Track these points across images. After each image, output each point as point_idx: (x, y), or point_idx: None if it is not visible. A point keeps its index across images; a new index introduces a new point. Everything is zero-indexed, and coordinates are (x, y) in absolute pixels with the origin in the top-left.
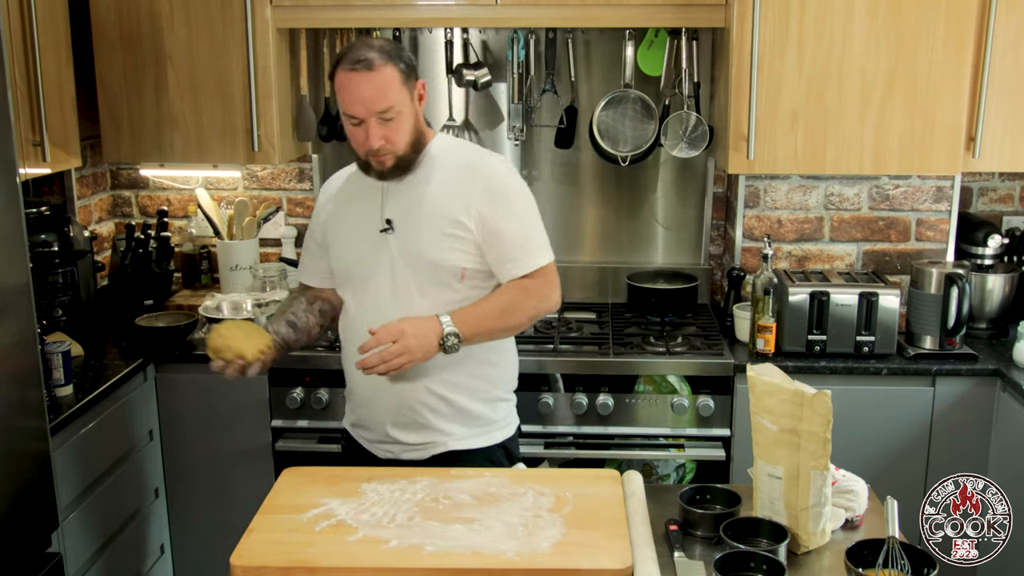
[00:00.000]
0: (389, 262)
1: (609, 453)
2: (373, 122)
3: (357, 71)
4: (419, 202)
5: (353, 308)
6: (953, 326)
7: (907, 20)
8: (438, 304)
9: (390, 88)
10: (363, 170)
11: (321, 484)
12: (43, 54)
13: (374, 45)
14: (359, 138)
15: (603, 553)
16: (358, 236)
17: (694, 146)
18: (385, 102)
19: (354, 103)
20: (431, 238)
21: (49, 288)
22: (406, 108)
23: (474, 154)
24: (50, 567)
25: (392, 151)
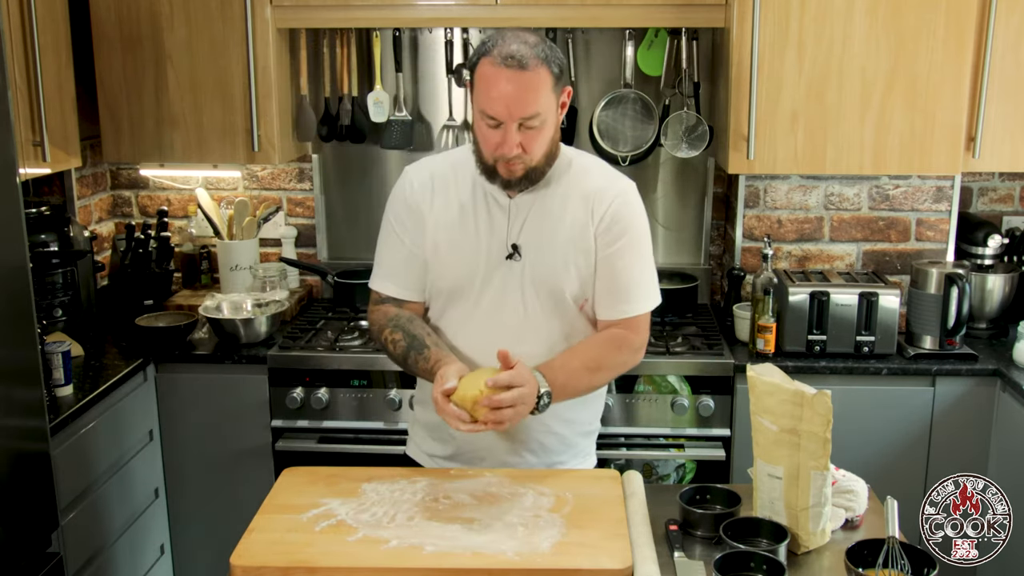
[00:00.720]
0: (516, 287)
1: (609, 453)
2: (513, 127)
3: (508, 68)
4: (548, 227)
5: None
6: (953, 326)
7: (907, 20)
8: (559, 331)
9: (540, 92)
10: (485, 175)
11: (321, 484)
12: (43, 54)
13: (529, 40)
14: (492, 140)
15: (603, 553)
16: (477, 256)
17: (694, 146)
18: (533, 107)
19: (497, 103)
20: (561, 267)
21: (49, 288)
22: (551, 116)
23: (603, 176)
24: (50, 567)
25: (526, 161)
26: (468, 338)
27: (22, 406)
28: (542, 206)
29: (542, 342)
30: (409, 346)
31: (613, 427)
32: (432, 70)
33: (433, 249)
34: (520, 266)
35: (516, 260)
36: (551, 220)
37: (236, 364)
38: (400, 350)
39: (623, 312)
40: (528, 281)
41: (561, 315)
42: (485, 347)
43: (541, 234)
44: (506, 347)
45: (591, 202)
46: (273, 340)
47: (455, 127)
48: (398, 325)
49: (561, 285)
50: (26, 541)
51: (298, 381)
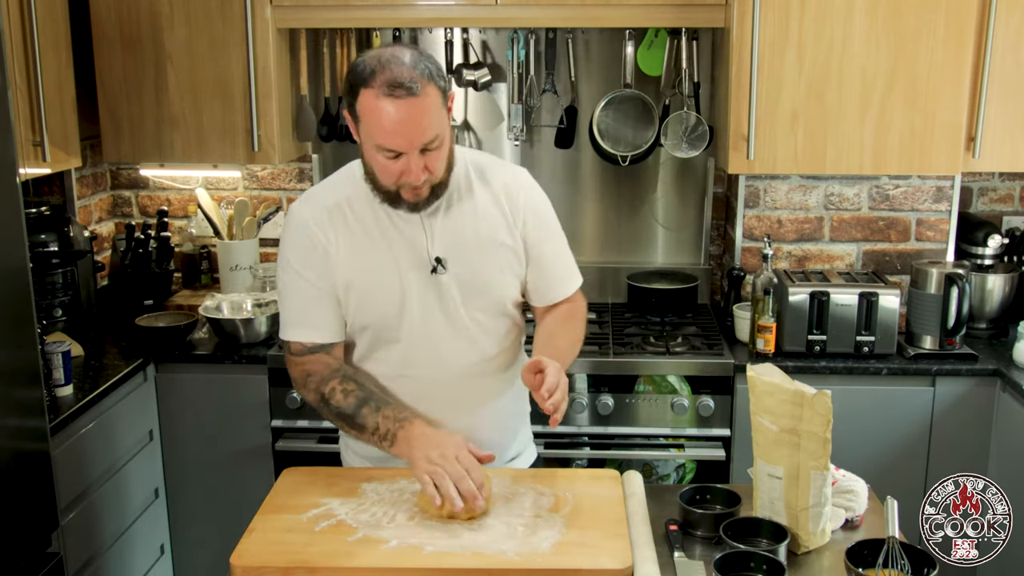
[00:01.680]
0: (448, 301)
1: (609, 453)
2: (415, 155)
3: (398, 98)
4: (465, 231)
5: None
6: (953, 326)
7: (907, 20)
8: (496, 338)
9: (434, 114)
10: (388, 202)
11: (321, 484)
12: (43, 54)
13: (406, 60)
14: (393, 171)
15: (603, 553)
16: (397, 280)
17: (694, 146)
18: (432, 131)
19: (395, 136)
20: (491, 271)
21: (49, 288)
22: (447, 132)
23: (502, 170)
24: (50, 567)
25: (431, 180)
26: (412, 367)
27: (22, 406)
28: (455, 214)
29: (489, 344)
30: (368, 398)
31: (613, 427)
32: None
33: (346, 286)
34: (448, 278)
35: (441, 273)
36: (469, 226)
37: (236, 364)
38: (355, 400)
39: (557, 295)
40: (460, 291)
41: (498, 312)
42: (432, 373)
43: (463, 242)
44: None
45: (504, 199)
46: (273, 340)
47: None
48: (348, 377)
49: (496, 289)
50: (26, 541)
51: None
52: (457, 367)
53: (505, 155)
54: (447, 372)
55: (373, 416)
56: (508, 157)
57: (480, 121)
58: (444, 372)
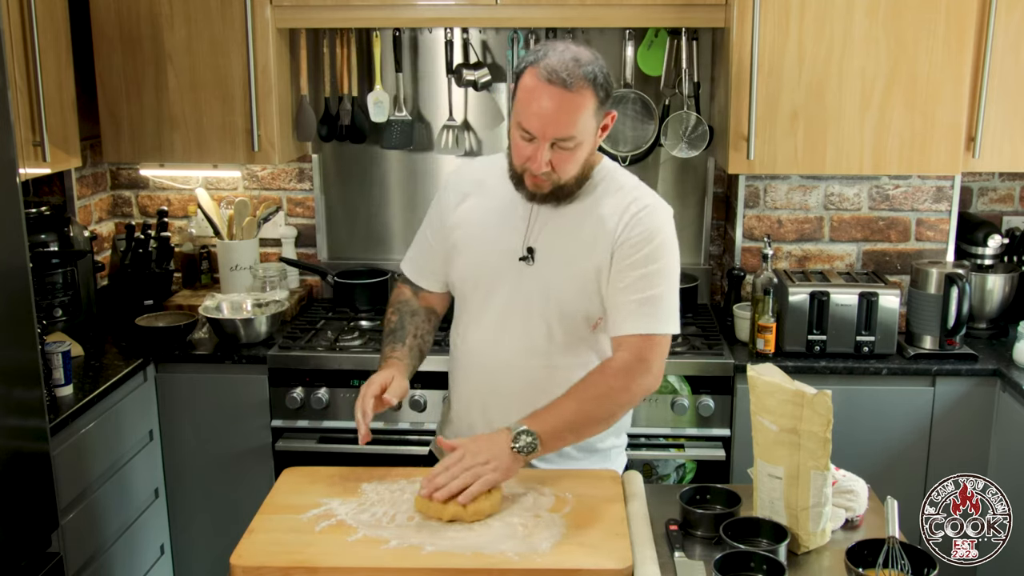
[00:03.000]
0: (525, 291)
1: None
2: (546, 145)
3: (551, 84)
4: (568, 238)
5: (475, 331)
6: (953, 326)
7: (907, 20)
8: (570, 350)
9: (580, 115)
10: (514, 182)
11: (321, 484)
12: (43, 54)
13: (580, 58)
14: (523, 152)
15: (603, 553)
16: (491, 253)
17: (694, 146)
18: (570, 129)
19: (534, 119)
20: (568, 280)
21: (49, 288)
22: (588, 139)
23: (639, 193)
24: (50, 567)
25: (554, 180)
26: (472, 341)
27: (22, 406)
28: (565, 214)
29: (539, 350)
30: (393, 331)
31: None
32: (432, 70)
33: (453, 246)
34: (532, 270)
35: (529, 264)
36: (571, 229)
37: (236, 364)
38: (387, 329)
39: (629, 328)
40: (536, 286)
41: (562, 324)
42: (485, 349)
43: (558, 241)
44: (505, 348)
45: (615, 215)
46: (273, 340)
47: (455, 127)
48: (400, 310)
49: (569, 296)
50: (26, 541)
51: (298, 381)
52: (506, 358)
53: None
54: (497, 360)
55: (383, 349)
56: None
57: (480, 121)
58: (494, 359)
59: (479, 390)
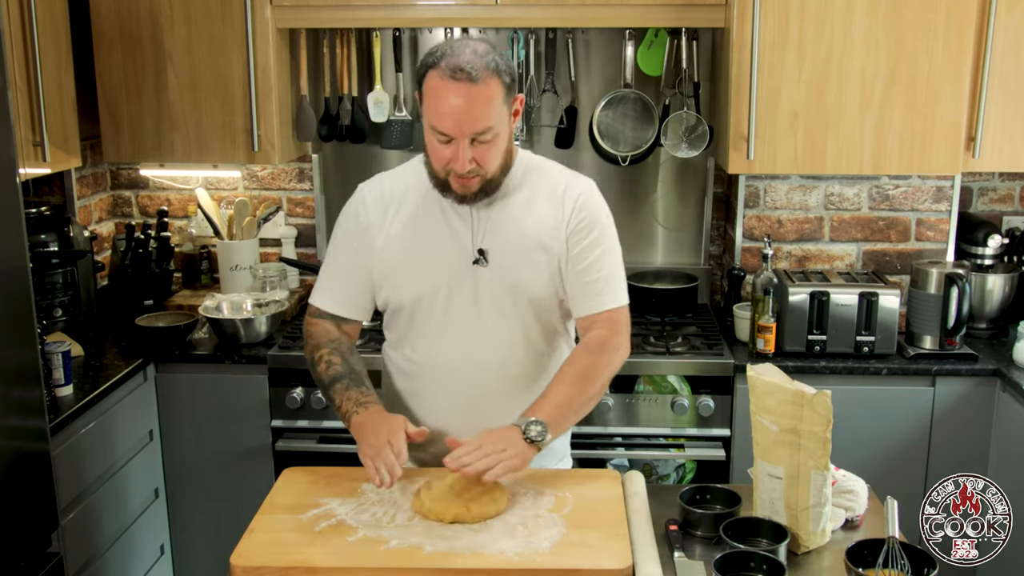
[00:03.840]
0: (486, 293)
1: (609, 453)
2: (465, 143)
3: (457, 81)
4: (515, 231)
5: (440, 343)
6: (953, 326)
7: (907, 20)
8: (530, 342)
9: (492, 106)
10: (439, 189)
11: (321, 484)
12: (43, 54)
13: (478, 50)
14: (443, 155)
15: (603, 553)
16: (439, 266)
17: (694, 146)
18: (484, 122)
19: (447, 119)
20: (530, 270)
21: (49, 288)
22: (504, 128)
23: (564, 175)
24: (50, 567)
25: (481, 175)
26: (440, 349)
27: (22, 406)
28: (505, 210)
29: (518, 346)
30: (344, 375)
31: (613, 427)
32: None
33: (389, 266)
34: (488, 271)
35: (483, 265)
36: (516, 223)
37: (236, 364)
38: (333, 374)
39: (599, 306)
40: (498, 286)
41: (535, 317)
42: (458, 357)
43: (507, 238)
44: (483, 358)
45: (558, 202)
46: (273, 340)
47: None
48: (339, 350)
49: (530, 289)
50: (26, 541)
51: (298, 381)
52: (485, 362)
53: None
54: (483, 368)
55: (341, 394)
56: None
57: None
58: (471, 365)
59: (455, 400)
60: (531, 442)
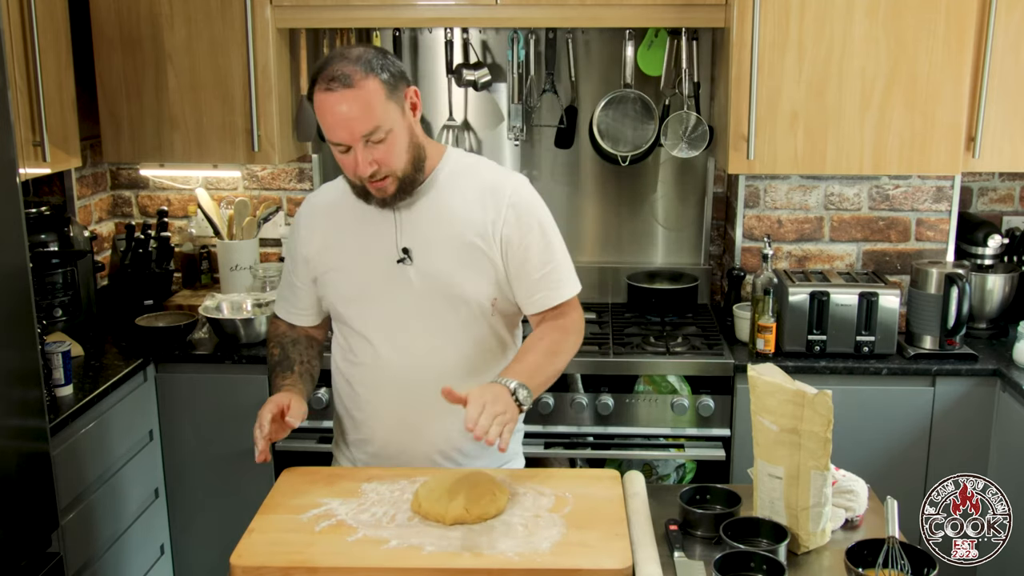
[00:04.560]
0: (410, 296)
1: (609, 453)
2: (360, 147)
3: (334, 91)
4: (438, 226)
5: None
6: (953, 326)
7: (907, 20)
8: (469, 339)
9: (374, 106)
10: (362, 198)
11: (321, 484)
12: (43, 54)
13: (350, 55)
14: (348, 164)
15: (603, 553)
16: (366, 268)
17: (694, 146)
18: (370, 123)
19: (336, 128)
20: (455, 266)
21: (49, 288)
22: (397, 124)
23: (494, 172)
24: (50, 567)
25: (390, 173)
26: (374, 354)
27: (22, 406)
28: (432, 207)
29: (452, 348)
30: (278, 363)
31: (613, 427)
32: (432, 70)
33: (321, 273)
34: (413, 270)
35: (408, 264)
36: (442, 221)
37: (236, 364)
38: (271, 364)
39: (551, 300)
40: (427, 285)
41: (467, 317)
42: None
43: (432, 235)
44: (426, 360)
45: (487, 200)
46: None
47: (455, 127)
48: (280, 343)
49: (460, 286)
50: (26, 541)
51: None
52: (428, 364)
53: (505, 155)
54: (419, 368)
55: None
56: (508, 157)
57: (480, 121)
58: (416, 368)
59: (393, 399)
60: (519, 404)
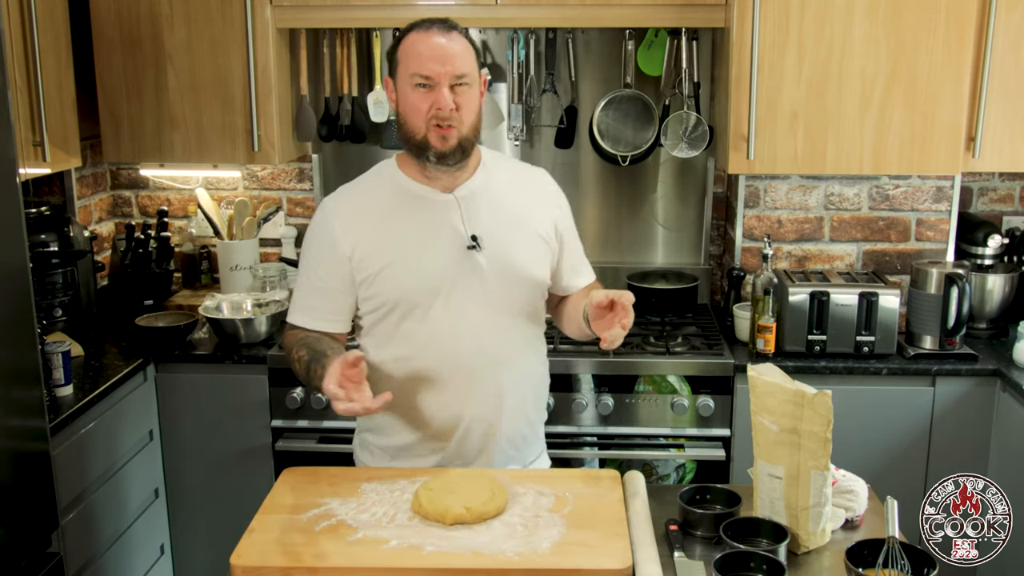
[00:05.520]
0: (480, 281)
1: (609, 453)
2: (446, 88)
3: (439, 30)
4: (498, 213)
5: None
6: (953, 326)
7: (907, 20)
8: (525, 322)
9: (469, 56)
10: (416, 153)
11: (321, 484)
12: (43, 54)
13: (445, 21)
14: (425, 103)
15: (603, 553)
16: (434, 257)
17: (694, 146)
18: (464, 66)
19: (431, 60)
20: (524, 253)
21: (49, 288)
22: (476, 87)
23: (522, 164)
24: (50, 567)
25: (459, 125)
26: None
27: (22, 406)
28: (488, 195)
29: (514, 329)
30: (311, 359)
31: (613, 427)
32: None
33: (372, 270)
34: (483, 255)
35: (478, 250)
36: (502, 208)
37: (236, 364)
38: (303, 365)
39: (578, 284)
40: (494, 269)
41: (528, 298)
42: (458, 352)
43: (497, 222)
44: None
45: (534, 187)
46: (273, 340)
47: None
48: (305, 344)
49: (529, 269)
50: (26, 541)
51: (298, 381)
52: (484, 347)
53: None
54: (473, 352)
55: (315, 376)
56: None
57: None
58: (470, 352)
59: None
60: None
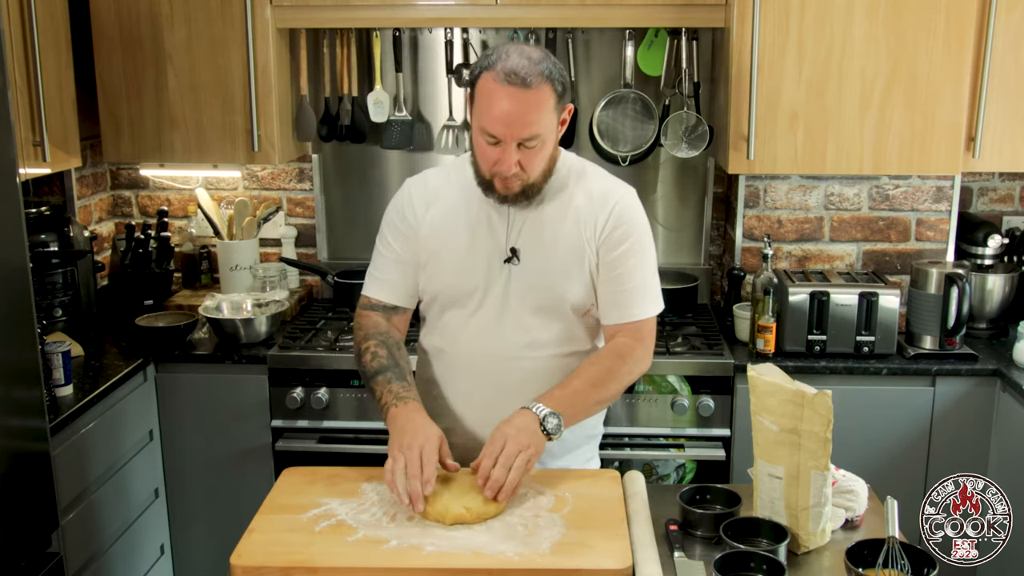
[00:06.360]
0: (514, 292)
1: (609, 453)
2: (512, 146)
3: (511, 85)
4: (548, 233)
5: (469, 334)
6: (953, 326)
7: (907, 20)
8: (565, 338)
9: (542, 112)
10: (483, 188)
11: (321, 484)
12: (43, 54)
13: (533, 56)
14: (490, 157)
15: (603, 553)
16: (474, 260)
17: (694, 146)
18: (534, 128)
19: (498, 122)
20: (560, 273)
21: (49, 288)
22: (551, 135)
23: (604, 180)
24: (50, 567)
25: (523, 179)
26: (466, 343)
27: (22, 406)
28: (541, 212)
29: (540, 348)
30: (388, 368)
31: (613, 427)
32: (432, 70)
33: (428, 256)
34: (519, 270)
35: (514, 264)
36: (551, 226)
37: (236, 364)
38: (377, 366)
39: (627, 317)
40: (526, 286)
41: (560, 321)
42: (483, 352)
43: (541, 239)
44: (506, 348)
45: (592, 207)
46: (273, 340)
47: (455, 127)
48: (384, 343)
49: (559, 291)
50: (26, 541)
51: (298, 381)
52: (507, 358)
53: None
54: (497, 361)
55: (383, 386)
56: None
57: None
58: (495, 360)
59: (479, 388)
60: (547, 434)
